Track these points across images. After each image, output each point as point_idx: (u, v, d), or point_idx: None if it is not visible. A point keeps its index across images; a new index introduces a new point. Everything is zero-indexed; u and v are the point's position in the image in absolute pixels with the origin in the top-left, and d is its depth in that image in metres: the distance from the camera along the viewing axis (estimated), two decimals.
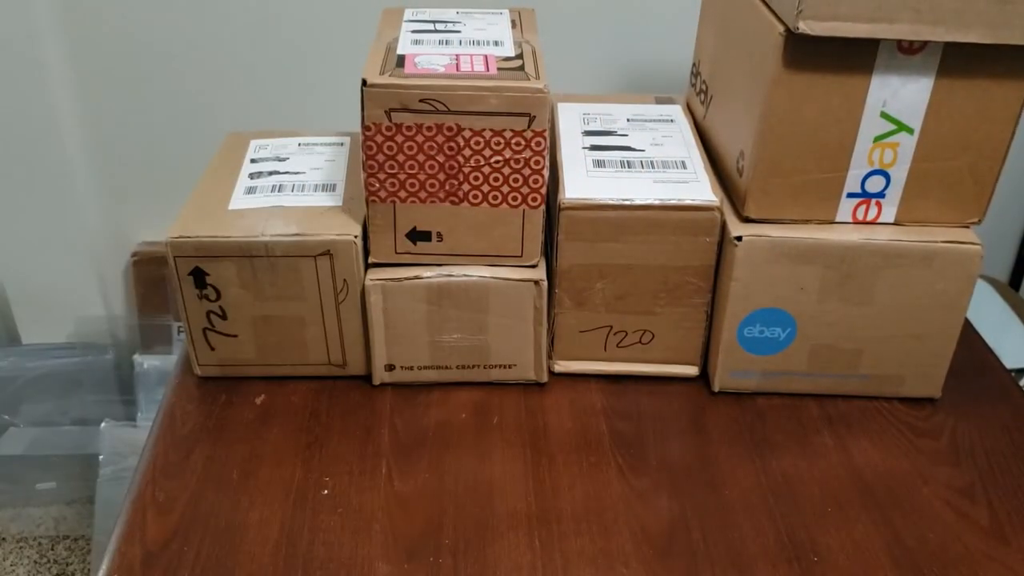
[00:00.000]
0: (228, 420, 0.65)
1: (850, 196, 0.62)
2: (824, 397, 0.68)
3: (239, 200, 0.65)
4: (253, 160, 0.70)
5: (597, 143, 0.68)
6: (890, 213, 0.62)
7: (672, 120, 0.72)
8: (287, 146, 0.72)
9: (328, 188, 0.67)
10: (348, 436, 0.64)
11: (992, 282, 1.16)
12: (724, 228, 0.63)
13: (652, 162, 0.66)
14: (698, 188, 0.63)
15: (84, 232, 1.15)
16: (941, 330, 0.64)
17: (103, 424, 1.13)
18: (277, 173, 0.68)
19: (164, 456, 0.62)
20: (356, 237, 0.62)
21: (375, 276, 0.63)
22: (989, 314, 1.08)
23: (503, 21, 0.68)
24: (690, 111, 0.75)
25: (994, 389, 0.70)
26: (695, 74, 0.76)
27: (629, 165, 0.65)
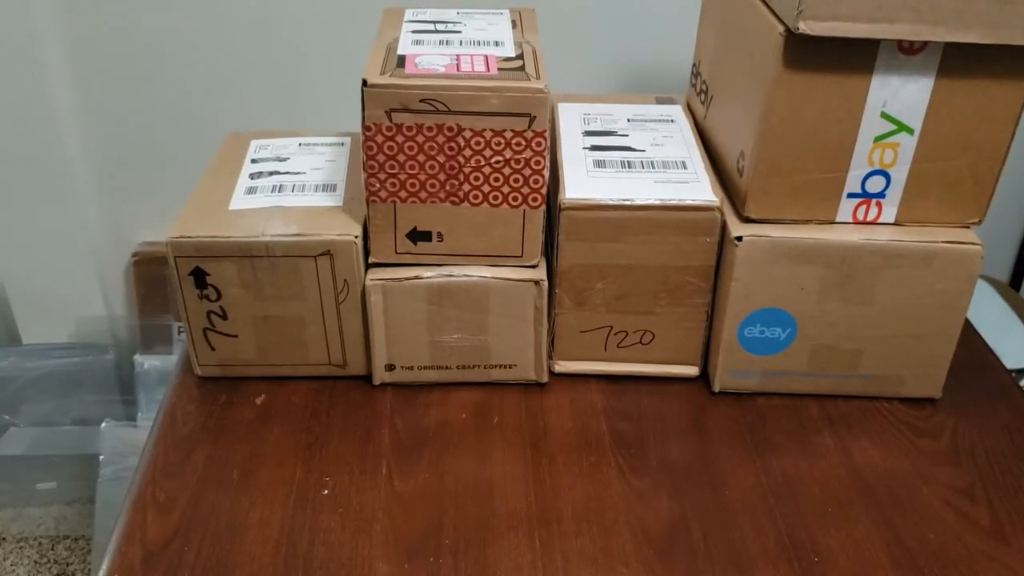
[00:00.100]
0: (228, 420, 0.65)
1: (850, 196, 0.62)
2: (824, 397, 0.68)
3: (239, 200, 0.65)
4: (254, 160, 0.70)
5: (597, 143, 0.68)
6: (890, 213, 0.62)
7: (672, 120, 0.72)
8: (288, 146, 0.72)
9: (328, 188, 0.67)
10: (348, 436, 0.64)
11: (992, 282, 1.16)
12: (724, 228, 0.63)
13: (652, 162, 0.66)
14: (698, 188, 0.63)
15: (84, 232, 1.15)
16: (941, 330, 0.64)
17: (103, 424, 1.13)
18: (278, 173, 0.68)
19: (164, 456, 0.62)
20: (356, 237, 0.62)
21: (375, 276, 0.63)
22: (989, 314, 1.08)
23: (503, 21, 0.68)
24: (690, 111, 0.75)
25: (994, 389, 0.70)
26: (695, 74, 0.76)
27: (629, 165, 0.65)
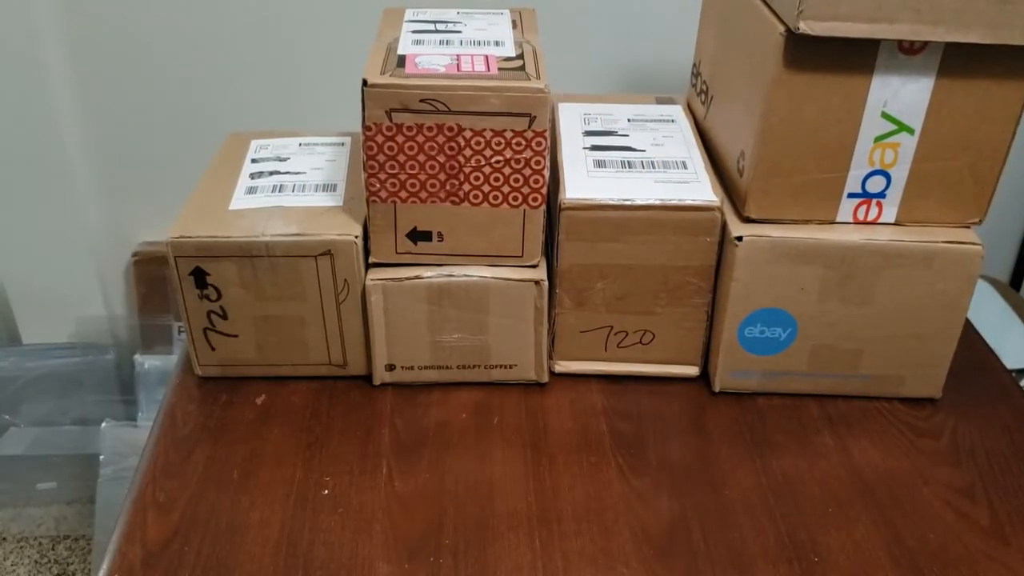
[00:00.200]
0: (229, 420, 0.65)
1: (851, 196, 0.62)
2: (824, 397, 0.68)
3: (240, 200, 0.65)
4: (254, 160, 0.70)
5: (598, 143, 0.68)
6: (891, 213, 0.62)
7: (673, 120, 0.72)
8: (288, 146, 0.72)
9: (329, 188, 0.67)
10: (348, 436, 0.64)
11: (993, 282, 1.16)
12: (725, 228, 0.63)
13: (653, 162, 0.66)
14: (699, 188, 0.63)
15: (85, 232, 1.15)
16: (941, 330, 0.64)
17: (104, 424, 1.13)
18: (278, 173, 0.68)
19: (165, 456, 0.62)
20: (357, 237, 0.62)
21: (376, 276, 0.63)
22: (990, 314, 1.08)
23: (504, 21, 0.68)
24: (691, 111, 0.75)
25: (994, 389, 0.70)
26: (696, 74, 0.76)
27: (630, 165, 0.65)
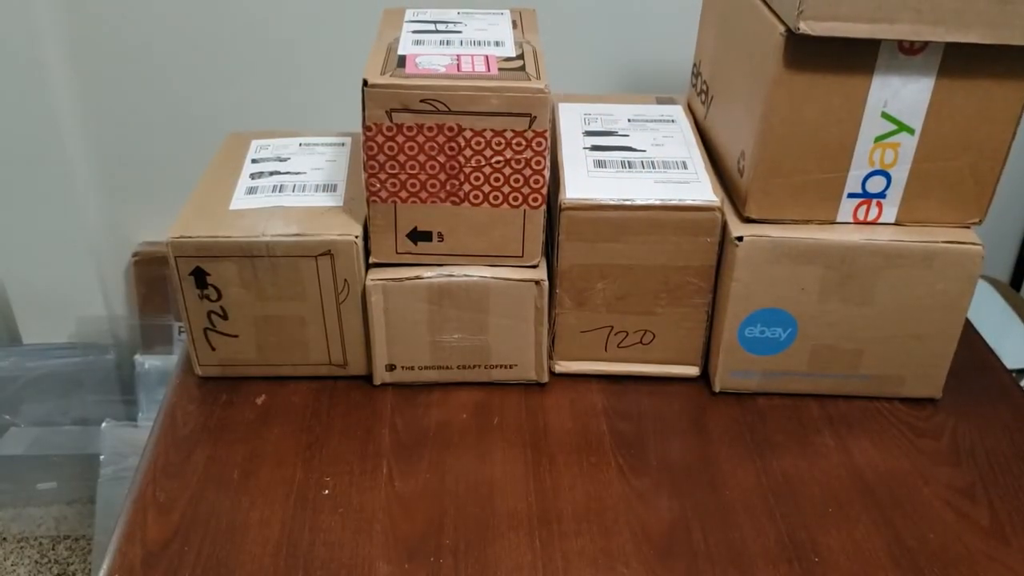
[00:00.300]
0: (229, 420, 0.65)
1: (851, 196, 0.62)
2: (825, 397, 0.68)
3: (240, 200, 0.65)
4: (254, 160, 0.70)
5: (598, 143, 0.68)
6: (891, 213, 0.62)
7: (673, 120, 0.72)
8: (288, 146, 0.72)
9: (329, 188, 0.67)
10: (349, 436, 0.64)
11: (993, 282, 1.16)
12: (725, 228, 0.63)
13: (653, 162, 0.66)
14: (699, 188, 0.63)
15: (85, 232, 1.15)
16: (942, 330, 0.64)
17: (104, 424, 1.13)
18: (278, 173, 0.68)
19: (165, 456, 0.62)
20: (357, 237, 0.62)
21: (376, 276, 0.63)
22: (990, 314, 1.08)
23: (504, 21, 0.68)
24: (691, 111, 0.75)
25: (995, 389, 0.70)
26: (696, 74, 0.76)
27: (630, 165, 0.65)
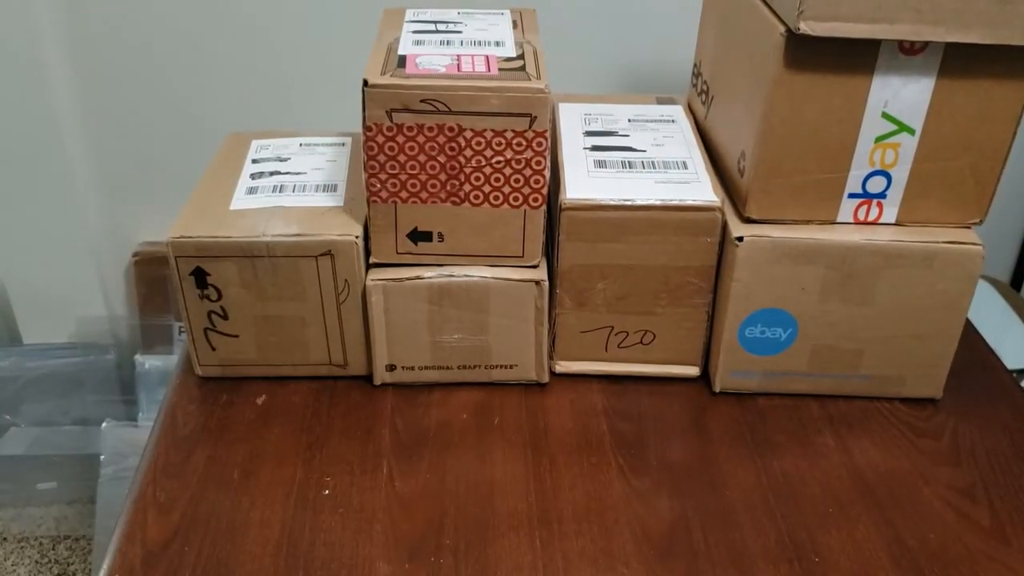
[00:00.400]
0: (229, 420, 0.65)
1: (851, 196, 0.62)
2: (825, 397, 0.68)
3: (240, 200, 0.65)
4: (254, 160, 0.70)
5: (598, 143, 0.68)
6: (891, 213, 0.62)
7: (673, 120, 0.72)
8: (288, 146, 0.72)
9: (329, 188, 0.67)
10: (349, 436, 0.64)
11: (993, 282, 1.16)
12: (725, 228, 0.63)
13: (653, 162, 0.66)
14: (699, 188, 0.63)
15: (85, 232, 1.15)
16: (942, 330, 0.64)
17: (104, 424, 1.13)
18: (278, 173, 0.68)
19: (165, 456, 0.62)
20: (357, 237, 0.62)
21: (376, 276, 0.63)
22: (990, 314, 1.08)
23: (504, 21, 0.68)
24: (691, 111, 0.75)
25: (995, 389, 0.70)
26: (696, 74, 0.76)
27: (630, 165, 0.65)
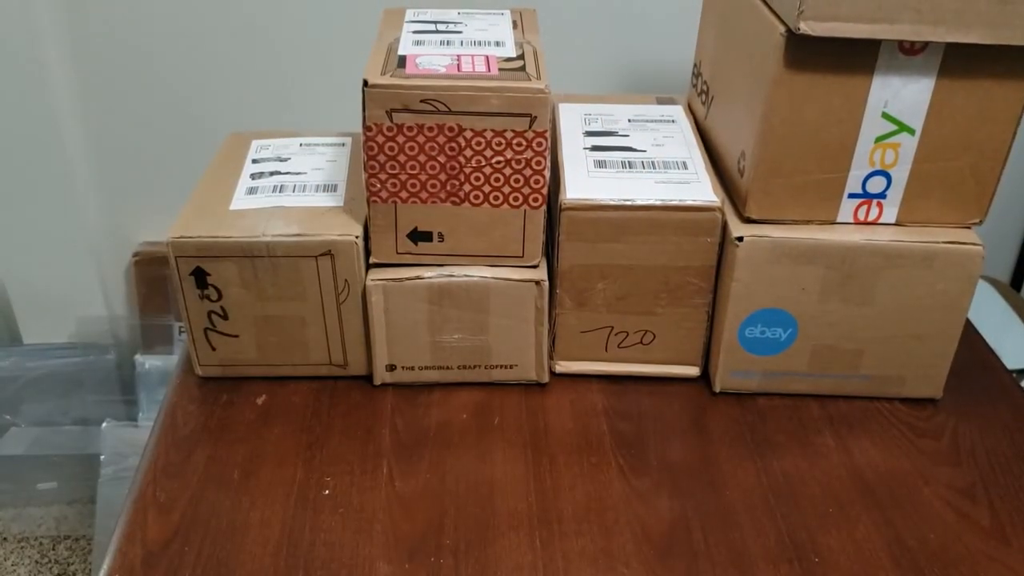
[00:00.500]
0: (229, 420, 0.65)
1: (851, 196, 0.62)
2: (825, 397, 0.68)
3: (240, 200, 0.65)
4: (255, 160, 0.70)
5: (598, 143, 0.68)
6: (891, 214, 0.62)
7: (673, 121, 0.72)
8: (288, 146, 0.72)
9: (329, 188, 0.67)
10: (349, 436, 0.64)
11: (993, 282, 1.16)
12: (725, 228, 0.63)
13: (653, 162, 0.66)
14: (699, 189, 0.63)
15: (85, 232, 1.15)
16: (942, 330, 0.64)
17: (104, 424, 1.13)
18: (278, 173, 0.68)
19: (165, 456, 0.62)
20: (357, 237, 0.62)
21: (376, 276, 0.63)
22: (990, 314, 1.08)
23: (504, 22, 0.68)
24: (691, 111, 0.75)
25: (995, 389, 0.70)
26: (696, 75, 0.76)
27: (630, 165, 0.65)
